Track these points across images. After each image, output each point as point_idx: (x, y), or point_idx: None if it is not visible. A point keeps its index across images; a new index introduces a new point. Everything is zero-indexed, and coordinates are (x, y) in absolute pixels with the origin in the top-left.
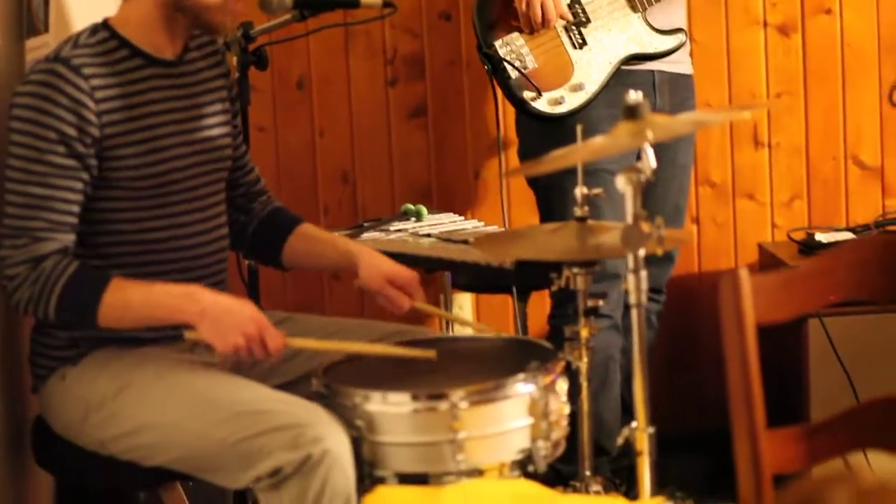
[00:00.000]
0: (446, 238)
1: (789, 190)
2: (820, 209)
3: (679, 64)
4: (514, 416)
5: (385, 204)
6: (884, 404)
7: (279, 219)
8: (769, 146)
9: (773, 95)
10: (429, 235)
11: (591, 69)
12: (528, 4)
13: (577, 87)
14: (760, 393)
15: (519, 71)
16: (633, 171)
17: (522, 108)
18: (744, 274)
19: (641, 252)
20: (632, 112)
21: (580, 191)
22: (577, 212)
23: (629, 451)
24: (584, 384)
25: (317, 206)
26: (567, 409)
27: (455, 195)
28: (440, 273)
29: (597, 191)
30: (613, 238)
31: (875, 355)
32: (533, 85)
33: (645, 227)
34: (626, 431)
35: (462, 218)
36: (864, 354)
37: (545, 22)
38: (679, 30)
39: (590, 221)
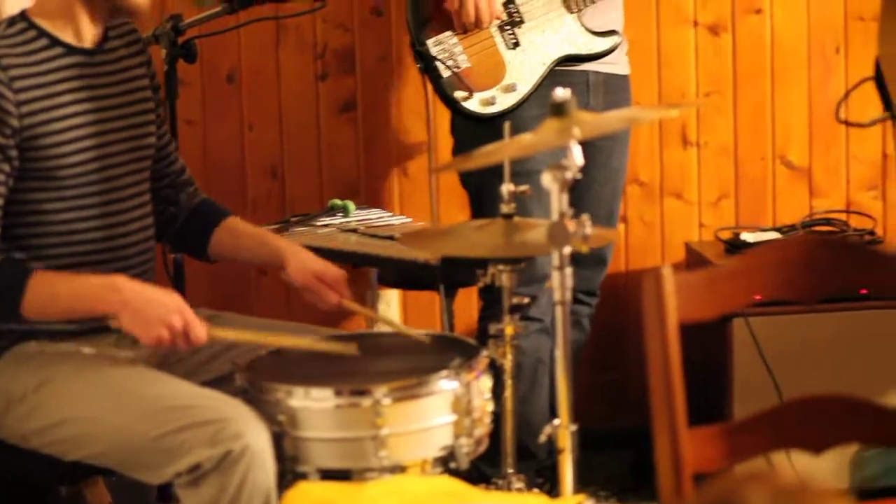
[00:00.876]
0: (373, 234)
1: (717, 189)
2: (747, 209)
3: (615, 65)
4: (437, 413)
5: (314, 199)
6: (805, 404)
7: (206, 211)
8: (698, 145)
9: (702, 95)
10: (355, 231)
11: (524, 70)
12: (461, 3)
13: (510, 88)
14: (682, 391)
15: (451, 70)
16: (559, 168)
17: (454, 107)
18: (667, 272)
19: (567, 249)
20: (559, 109)
21: (507, 188)
22: (504, 209)
23: (554, 451)
24: (509, 382)
25: (245, 200)
26: (490, 407)
27: (384, 191)
28: (366, 269)
29: (523, 188)
30: (539, 235)
31: (799, 355)
32: (465, 85)
33: (570, 224)
34: (548, 429)
35: (390, 214)
36: (788, 354)
37: (478, 22)
38: (614, 31)
39: (516, 219)
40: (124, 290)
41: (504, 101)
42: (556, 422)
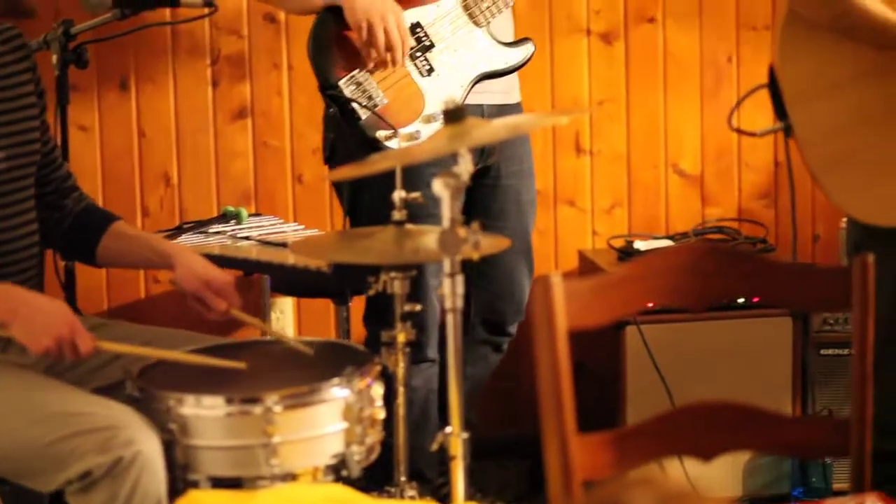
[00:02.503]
0: (265, 241)
1: (610, 197)
2: (640, 217)
3: (506, 94)
4: (328, 421)
5: (208, 206)
6: (695, 411)
7: (92, 217)
8: (591, 153)
9: (595, 103)
10: (248, 238)
11: (442, 96)
12: (369, 31)
13: (431, 118)
14: (571, 398)
15: (370, 110)
16: (450, 175)
17: (377, 148)
18: (555, 280)
19: (458, 257)
20: (452, 115)
21: (398, 195)
22: (396, 215)
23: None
24: (401, 389)
25: (139, 207)
26: (382, 415)
27: (278, 198)
28: (259, 276)
29: (415, 194)
30: (431, 242)
31: (692, 362)
32: (386, 123)
33: (461, 231)
34: (440, 437)
35: (282, 221)
36: (681, 361)
37: (391, 54)
38: (526, 39)
39: (407, 226)
40: (15, 298)
41: (428, 133)
42: (448, 429)
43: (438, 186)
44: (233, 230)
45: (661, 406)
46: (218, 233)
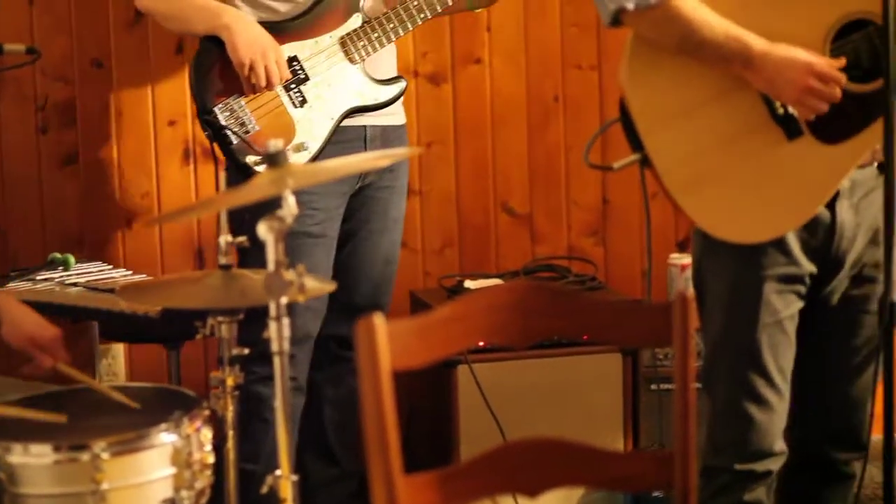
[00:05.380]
0: (93, 287)
1: (441, 238)
2: (471, 256)
3: (392, 115)
4: (157, 466)
5: (37, 253)
6: (523, 447)
7: None
8: (421, 194)
9: (424, 144)
10: (75, 285)
11: (312, 127)
12: (251, 68)
13: (300, 147)
14: (396, 438)
15: (240, 137)
16: (275, 219)
17: (247, 173)
18: (378, 321)
19: (284, 299)
20: (273, 159)
21: (224, 239)
22: (222, 260)
23: None
24: (230, 433)
25: None
26: (211, 459)
27: (108, 244)
28: (88, 323)
29: (240, 238)
30: (257, 286)
31: (524, 399)
32: (255, 150)
33: (287, 274)
34: (270, 479)
35: (111, 267)
36: (513, 399)
37: (269, 85)
38: (399, 77)
39: (234, 269)
40: None
41: (296, 161)
42: (278, 472)
43: (263, 230)
44: (60, 277)
45: (494, 444)
46: (45, 280)
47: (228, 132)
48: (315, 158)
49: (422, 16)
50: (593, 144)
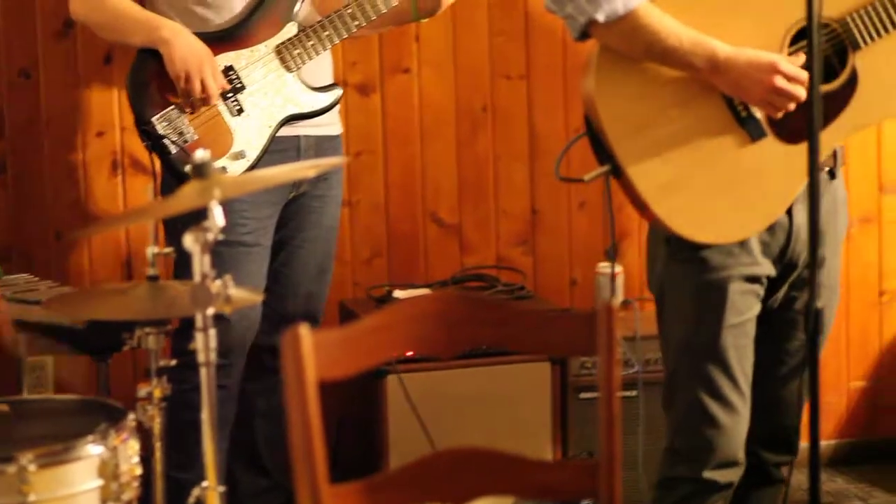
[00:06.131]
0: (20, 299)
1: (370, 248)
2: (400, 266)
3: (326, 126)
4: (84, 478)
5: None
6: (450, 456)
7: None
8: (350, 204)
9: (353, 154)
10: (2, 296)
11: (250, 136)
12: (187, 81)
13: (239, 156)
14: (322, 449)
15: (178, 146)
16: (201, 230)
17: (184, 181)
18: (303, 332)
19: (210, 310)
20: (199, 171)
21: (151, 250)
22: (150, 271)
23: None
24: (157, 445)
25: None
26: (139, 470)
27: (36, 256)
28: (14, 335)
29: (167, 249)
30: (184, 297)
31: (453, 409)
32: (192, 158)
33: (213, 286)
34: (196, 491)
35: (37, 279)
36: (442, 408)
37: (206, 99)
38: (334, 85)
39: (161, 281)
40: None
41: (234, 169)
42: (205, 483)
43: (189, 241)
44: None
45: (424, 453)
46: None
47: (167, 142)
48: (254, 167)
49: (356, 23)
50: (563, 158)
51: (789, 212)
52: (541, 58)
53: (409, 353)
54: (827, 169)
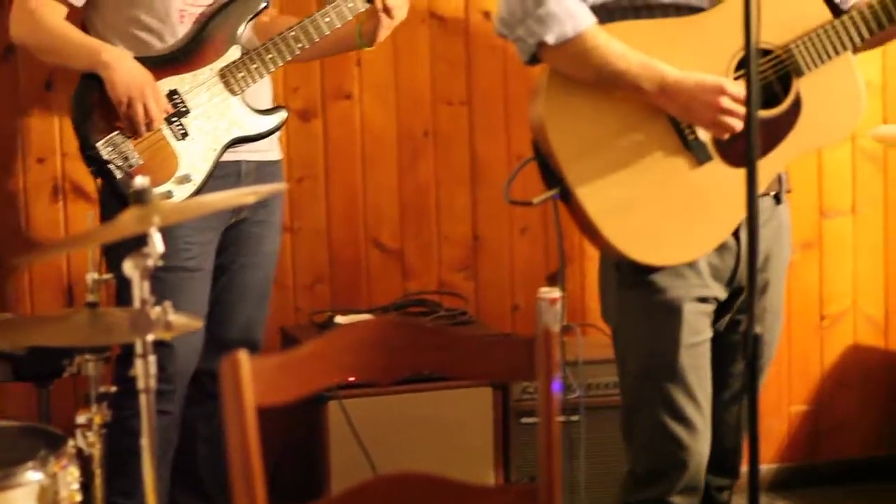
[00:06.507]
0: None
1: (312, 274)
2: (342, 292)
3: (266, 152)
4: None
5: None
6: (390, 482)
7: None
8: (292, 230)
9: (295, 180)
10: None
11: (195, 159)
12: (129, 106)
13: (184, 179)
14: (261, 475)
15: (123, 171)
16: (140, 256)
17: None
18: (242, 358)
19: (150, 337)
20: (139, 197)
21: (91, 276)
22: (90, 297)
23: None
24: (97, 471)
25: None
26: (79, 497)
27: None
28: None
29: (107, 276)
30: (123, 324)
31: (395, 434)
32: None
33: (153, 312)
34: None
35: None
36: (384, 434)
37: (149, 125)
38: (280, 107)
39: (101, 308)
40: None
41: (180, 193)
42: None
43: (128, 268)
44: None
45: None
46: None
47: (112, 167)
48: (199, 190)
49: (300, 45)
50: (513, 181)
51: (737, 235)
52: (482, 84)
53: (351, 379)
54: (772, 194)
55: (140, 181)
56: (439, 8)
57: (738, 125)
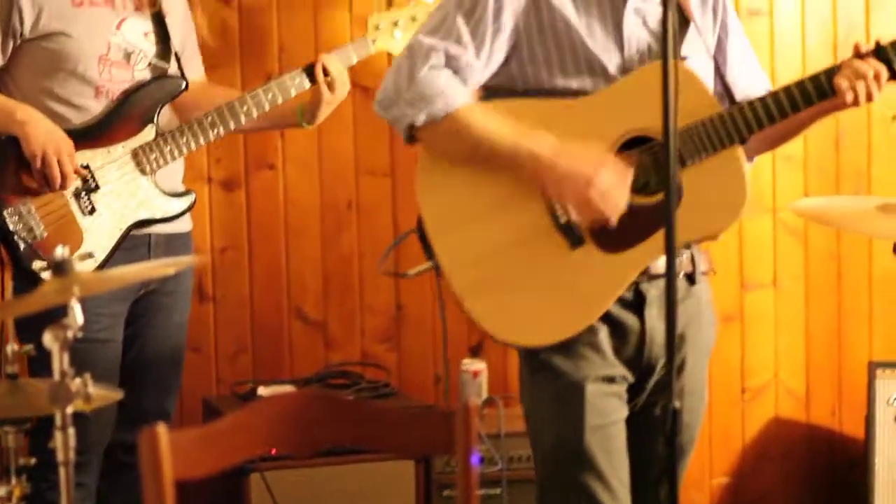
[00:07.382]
0: None
1: (234, 343)
2: (265, 362)
3: (176, 224)
4: None
5: None
6: None
7: None
8: (214, 300)
9: (217, 250)
10: None
11: (100, 236)
12: (44, 160)
13: (87, 256)
14: None
15: (27, 243)
16: (60, 327)
17: (33, 279)
18: (161, 431)
19: (69, 409)
20: (59, 268)
21: (10, 347)
22: (9, 369)
23: None
24: None
25: None
26: None
27: None
28: None
29: (27, 347)
30: (43, 395)
31: None
32: (42, 256)
33: (73, 384)
34: None
35: None
36: None
37: (63, 182)
38: (189, 192)
39: (21, 379)
40: None
41: (82, 269)
42: None
43: (48, 339)
44: None
45: None
46: None
47: (16, 238)
48: (101, 268)
49: (215, 131)
50: (388, 254)
51: (641, 316)
52: (405, 154)
53: (273, 451)
54: (682, 274)
55: (60, 252)
56: (363, 79)
57: (606, 217)
